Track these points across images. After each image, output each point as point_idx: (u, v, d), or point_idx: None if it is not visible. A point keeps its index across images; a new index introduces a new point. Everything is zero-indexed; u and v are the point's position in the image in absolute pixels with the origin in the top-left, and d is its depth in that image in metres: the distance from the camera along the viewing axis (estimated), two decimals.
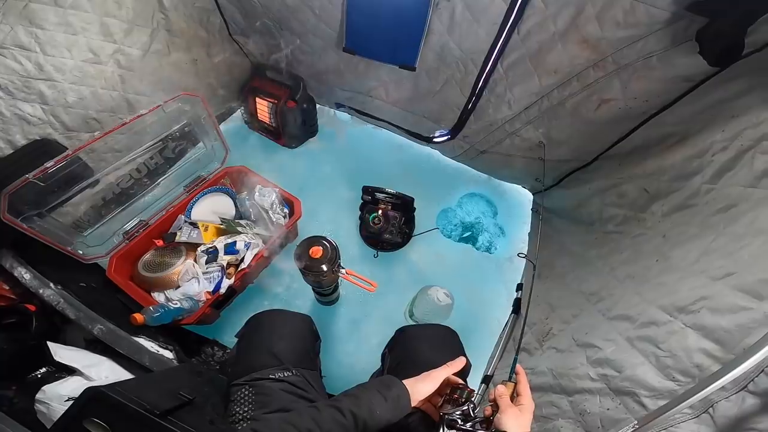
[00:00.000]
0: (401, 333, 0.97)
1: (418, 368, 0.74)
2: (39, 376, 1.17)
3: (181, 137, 1.35)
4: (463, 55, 1.26)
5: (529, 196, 1.79)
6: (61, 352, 1.14)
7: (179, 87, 1.53)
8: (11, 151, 1.16)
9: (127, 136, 1.22)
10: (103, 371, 1.17)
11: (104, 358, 1.21)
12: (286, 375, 0.82)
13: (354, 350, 1.43)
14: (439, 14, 1.19)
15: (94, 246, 1.30)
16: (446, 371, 0.72)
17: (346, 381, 1.28)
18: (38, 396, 1.08)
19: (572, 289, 1.14)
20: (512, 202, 1.83)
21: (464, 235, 1.75)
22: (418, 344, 0.91)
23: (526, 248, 1.61)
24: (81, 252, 1.24)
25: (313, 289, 1.36)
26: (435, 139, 1.69)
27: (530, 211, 1.74)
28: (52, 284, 1.24)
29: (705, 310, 0.69)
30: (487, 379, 1.28)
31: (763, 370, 0.57)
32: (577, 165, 1.40)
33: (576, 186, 1.40)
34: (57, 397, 1.08)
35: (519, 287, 1.51)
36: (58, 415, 1.01)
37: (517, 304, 1.43)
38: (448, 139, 1.63)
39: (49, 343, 1.14)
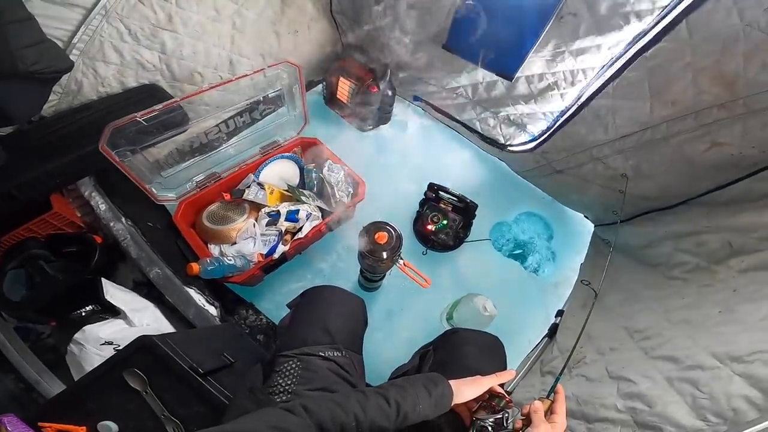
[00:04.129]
0: (452, 334, 1.02)
1: (463, 371, 0.78)
2: (83, 314, 1.20)
3: (270, 102, 1.47)
4: (575, 67, 1.31)
5: (590, 227, 1.81)
6: (112, 291, 1.20)
7: (276, 55, 1.67)
8: (120, 91, 1.32)
9: (224, 92, 1.36)
10: (146, 318, 1.21)
11: (150, 303, 1.27)
12: (335, 355, 0.87)
13: (383, 340, 1.50)
14: (559, 26, 1.24)
15: (167, 189, 1.43)
16: (495, 380, 0.75)
17: (370, 369, 1.33)
18: (77, 336, 1.10)
19: (616, 323, 1.18)
20: (571, 229, 1.85)
21: (515, 252, 1.79)
22: (467, 348, 0.95)
23: (575, 277, 1.66)
24: (155, 192, 1.36)
25: (362, 273, 1.44)
26: (511, 148, 1.73)
27: (587, 242, 1.76)
28: (124, 218, 1.35)
29: (759, 362, 0.74)
30: None
31: None
32: (658, 205, 1.39)
33: (650, 226, 1.40)
34: (94, 339, 1.10)
35: (559, 313, 1.54)
36: (90, 359, 1.07)
37: (553, 329, 1.47)
38: (530, 149, 1.67)
39: (104, 280, 1.20)
